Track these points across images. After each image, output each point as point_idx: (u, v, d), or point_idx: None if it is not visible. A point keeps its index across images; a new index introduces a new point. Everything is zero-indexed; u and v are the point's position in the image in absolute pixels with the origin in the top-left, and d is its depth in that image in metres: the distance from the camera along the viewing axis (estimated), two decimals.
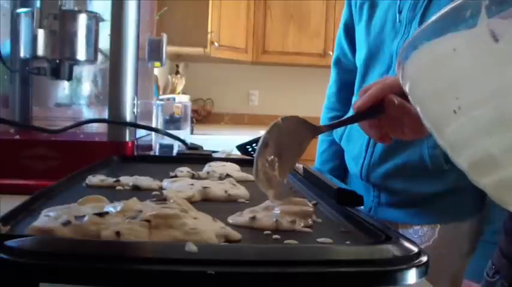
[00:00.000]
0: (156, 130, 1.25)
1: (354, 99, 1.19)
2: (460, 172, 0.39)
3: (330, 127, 0.76)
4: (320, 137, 1.32)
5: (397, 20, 1.07)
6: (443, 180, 1.03)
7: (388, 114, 0.69)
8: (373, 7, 1.14)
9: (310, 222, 0.56)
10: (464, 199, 1.06)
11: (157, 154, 1.25)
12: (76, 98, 1.31)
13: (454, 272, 1.08)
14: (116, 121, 1.10)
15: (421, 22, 1.02)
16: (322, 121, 1.31)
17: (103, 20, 1.13)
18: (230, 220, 0.57)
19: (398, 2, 1.08)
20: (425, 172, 1.02)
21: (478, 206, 1.07)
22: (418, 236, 1.07)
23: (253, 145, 1.00)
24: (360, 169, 1.10)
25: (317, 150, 1.33)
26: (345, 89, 1.26)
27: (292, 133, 0.65)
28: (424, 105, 0.41)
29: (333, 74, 1.31)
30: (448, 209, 1.07)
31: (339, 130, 1.22)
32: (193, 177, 0.83)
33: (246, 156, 1.02)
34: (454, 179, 1.02)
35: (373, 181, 1.09)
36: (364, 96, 0.70)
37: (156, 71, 2.91)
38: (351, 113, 1.17)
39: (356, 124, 1.13)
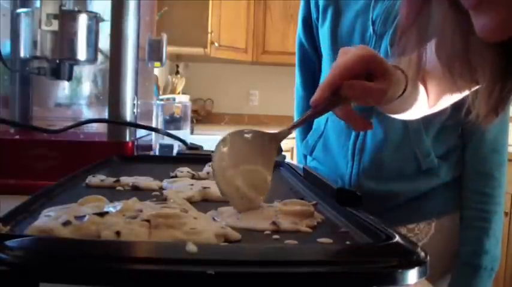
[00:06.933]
0: (156, 130, 1.25)
1: None
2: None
3: (291, 128, 0.69)
4: (296, 132, 1.32)
5: (370, 32, 1.05)
6: (434, 178, 1.06)
7: (351, 99, 0.67)
8: (338, 14, 1.11)
9: (310, 222, 0.56)
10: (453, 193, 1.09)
11: (157, 154, 1.24)
12: (76, 98, 1.31)
13: (446, 271, 1.09)
14: (116, 121, 1.10)
15: (392, 37, 1.00)
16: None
17: (103, 20, 1.13)
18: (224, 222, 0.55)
19: (370, 13, 1.05)
20: (419, 172, 1.06)
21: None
22: (414, 234, 1.08)
23: None
24: (348, 179, 1.09)
25: (296, 144, 1.33)
26: (314, 91, 1.26)
27: (252, 154, 0.63)
28: None
29: (297, 76, 1.30)
30: (441, 203, 1.09)
31: (310, 144, 1.22)
32: (193, 177, 0.83)
33: None
34: (444, 175, 1.06)
35: (365, 189, 1.08)
36: (319, 88, 0.67)
37: (156, 71, 2.91)
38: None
39: (332, 136, 1.13)
